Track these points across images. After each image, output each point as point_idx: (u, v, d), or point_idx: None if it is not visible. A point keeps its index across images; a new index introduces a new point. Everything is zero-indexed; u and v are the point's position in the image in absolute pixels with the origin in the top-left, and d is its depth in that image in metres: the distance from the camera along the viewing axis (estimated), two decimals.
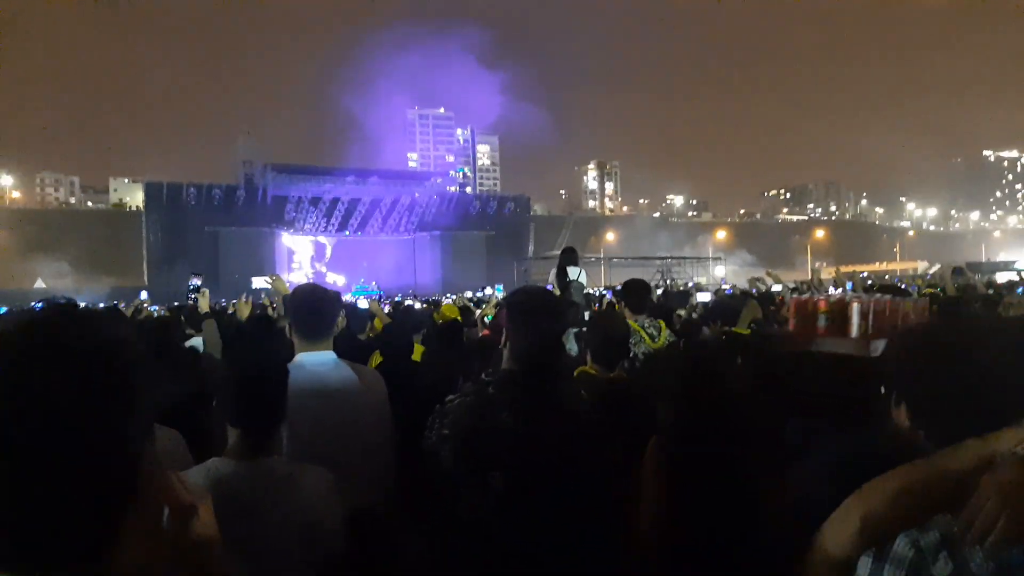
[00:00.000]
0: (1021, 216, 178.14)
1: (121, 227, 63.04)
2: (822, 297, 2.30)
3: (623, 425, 2.61)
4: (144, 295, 23.55)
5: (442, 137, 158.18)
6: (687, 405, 2.29)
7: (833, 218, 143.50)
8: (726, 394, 2.31)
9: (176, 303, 15.37)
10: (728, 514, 1.99)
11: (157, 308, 12.41)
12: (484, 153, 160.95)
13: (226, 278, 39.77)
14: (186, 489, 0.96)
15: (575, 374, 3.23)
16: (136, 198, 76.75)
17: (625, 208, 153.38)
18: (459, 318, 6.83)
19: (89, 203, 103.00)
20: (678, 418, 2.29)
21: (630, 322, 4.84)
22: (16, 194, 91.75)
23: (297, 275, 50.41)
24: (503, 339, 2.24)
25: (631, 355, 4.54)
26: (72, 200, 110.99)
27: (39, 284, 48.76)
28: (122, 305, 11.05)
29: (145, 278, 49.57)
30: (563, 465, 2.01)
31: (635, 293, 5.10)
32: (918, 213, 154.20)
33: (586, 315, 5.09)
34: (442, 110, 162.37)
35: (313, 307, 2.96)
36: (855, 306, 2.18)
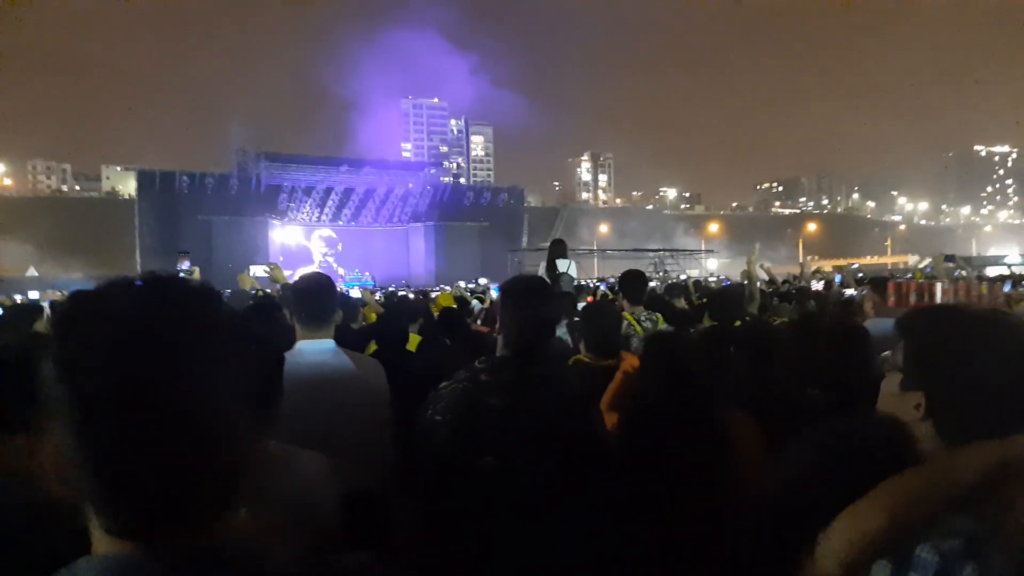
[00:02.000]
0: (1012, 211, 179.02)
1: (113, 215, 62.78)
2: (913, 280, 2.43)
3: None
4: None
5: (436, 127, 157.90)
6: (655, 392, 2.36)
7: (825, 211, 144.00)
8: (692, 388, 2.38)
9: None
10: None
11: None
12: (478, 144, 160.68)
13: (220, 267, 39.56)
14: None
15: (570, 362, 3.26)
16: (128, 186, 76.42)
17: (618, 200, 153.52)
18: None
19: (78, 188, 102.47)
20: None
21: (625, 314, 4.85)
22: (8, 181, 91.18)
23: (304, 268, 50.28)
24: (496, 327, 2.27)
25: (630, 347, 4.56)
26: (64, 188, 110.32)
27: (31, 272, 48.52)
28: None
29: (138, 266, 49.32)
30: (555, 447, 2.03)
31: (632, 284, 5.08)
32: (909, 207, 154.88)
33: (579, 307, 5.10)
34: (436, 100, 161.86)
35: (315, 295, 2.97)
36: (938, 286, 2.29)
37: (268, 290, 8.30)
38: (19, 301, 13.94)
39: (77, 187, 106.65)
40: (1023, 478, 1.12)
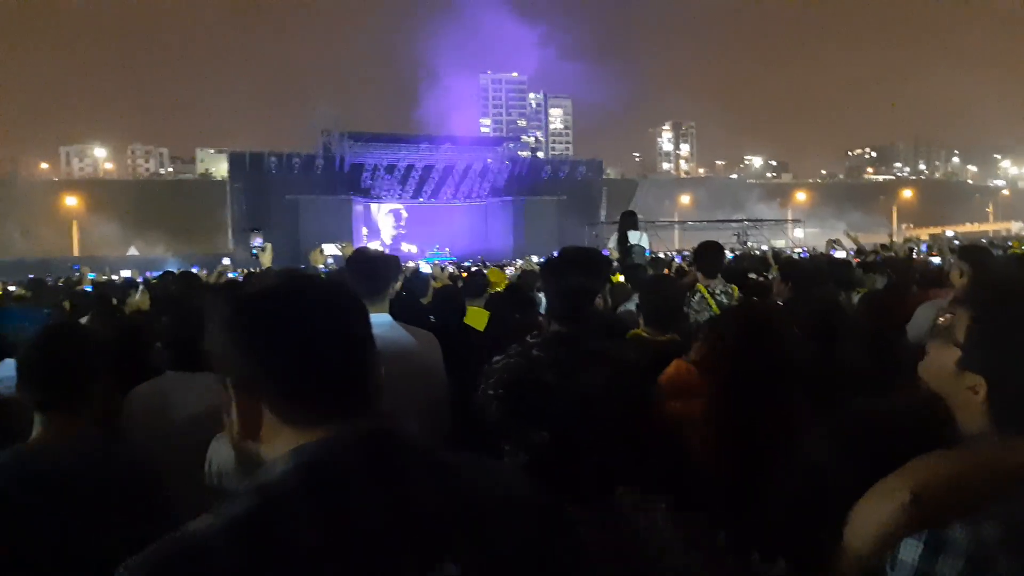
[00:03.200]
0: None
1: (207, 196, 65.44)
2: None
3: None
4: (227, 261, 24.41)
5: (514, 102, 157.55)
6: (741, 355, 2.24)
7: (922, 178, 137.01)
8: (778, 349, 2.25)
9: (253, 269, 15.86)
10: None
11: (238, 273, 12.83)
12: (556, 117, 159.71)
13: (307, 245, 40.64)
14: None
15: (628, 335, 3.20)
16: (221, 168, 79.36)
17: (701, 170, 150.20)
18: (502, 285, 6.81)
19: (170, 170, 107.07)
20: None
21: (700, 287, 4.71)
22: (109, 165, 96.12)
23: (374, 245, 51.32)
24: None
25: (694, 321, 4.44)
26: (162, 171, 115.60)
27: (132, 251, 51.19)
28: (204, 271, 11.47)
29: (230, 245, 51.29)
30: (610, 423, 2.01)
31: (707, 256, 4.87)
32: (1013, 171, 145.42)
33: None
34: (514, 75, 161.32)
35: (368, 268, 3.03)
36: None
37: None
38: (115, 279, 14.74)
39: (171, 169, 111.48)
40: None
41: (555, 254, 2.34)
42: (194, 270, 11.67)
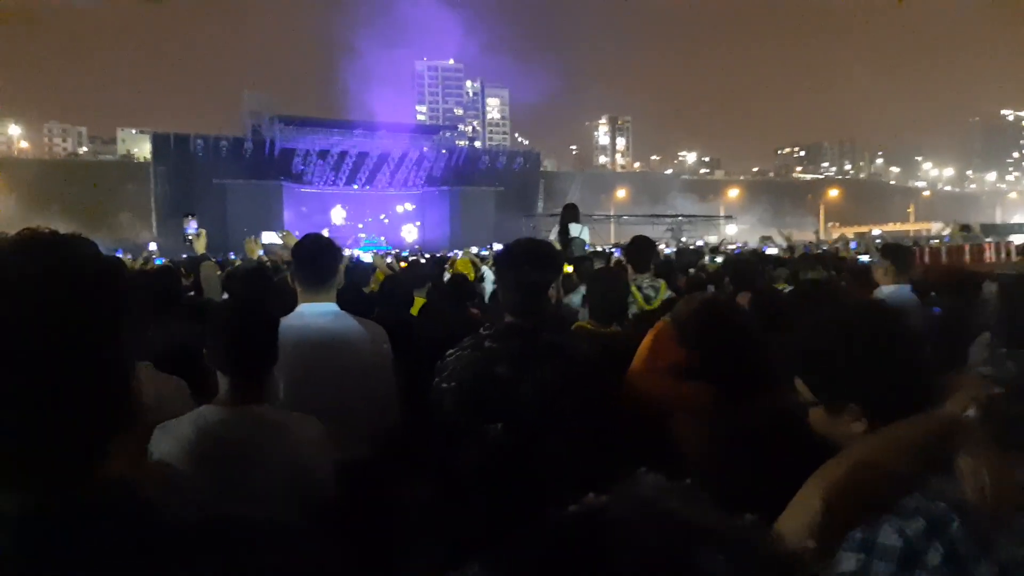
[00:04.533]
0: None
1: (129, 178, 63.01)
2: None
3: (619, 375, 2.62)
4: (153, 246, 23.61)
5: (451, 90, 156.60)
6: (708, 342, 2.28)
7: (848, 177, 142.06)
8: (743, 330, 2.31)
9: (184, 255, 15.40)
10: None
11: (164, 260, 12.42)
12: (494, 107, 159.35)
13: (234, 232, 39.63)
14: None
15: (572, 327, 3.23)
16: (144, 149, 76.55)
17: (636, 165, 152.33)
18: (471, 275, 6.81)
19: (87, 149, 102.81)
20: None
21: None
22: (24, 144, 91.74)
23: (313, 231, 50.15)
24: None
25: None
26: (80, 151, 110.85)
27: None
28: (129, 257, 11.05)
29: (154, 230, 49.64)
30: (564, 415, 2.02)
31: (638, 251, 4.99)
32: (934, 173, 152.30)
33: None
34: (451, 61, 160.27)
35: (315, 256, 2.99)
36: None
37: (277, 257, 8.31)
38: None
39: (88, 148, 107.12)
40: (968, 445, 1.10)
41: (506, 246, 2.34)
42: (118, 255, 11.19)
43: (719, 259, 11.36)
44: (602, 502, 0.55)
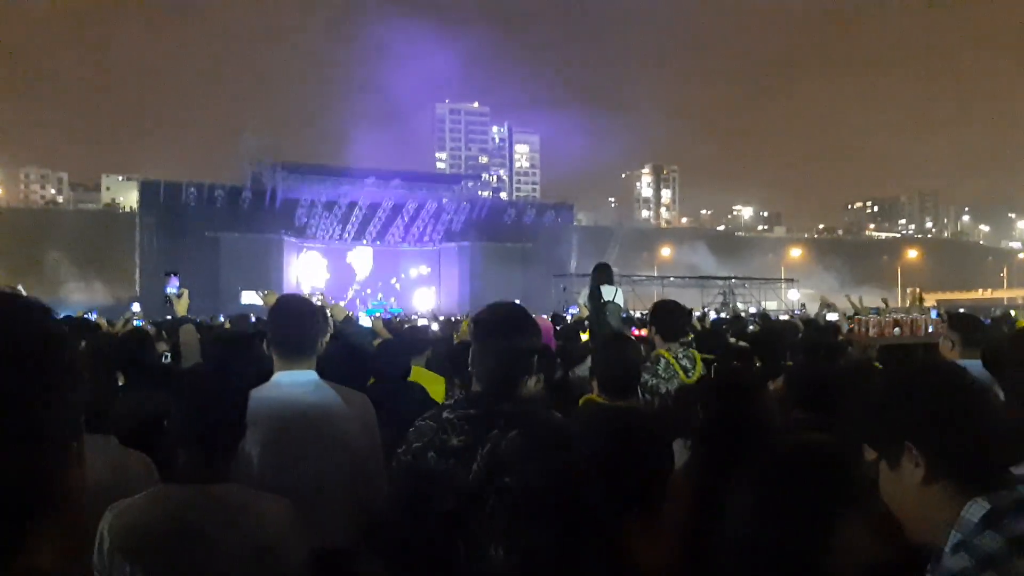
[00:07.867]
0: None
1: (113, 229, 64.51)
2: None
3: (629, 456, 2.70)
4: (136, 307, 23.95)
5: (475, 135, 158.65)
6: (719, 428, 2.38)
7: (929, 236, 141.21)
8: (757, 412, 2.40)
9: (168, 316, 15.62)
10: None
11: (144, 322, 12.61)
12: (522, 154, 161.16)
13: (227, 290, 40.16)
14: None
15: (580, 402, 3.32)
16: (130, 198, 78.52)
17: (684, 220, 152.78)
18: None
19: (63, 199, 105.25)
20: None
21: (662, 351, 4.81)
22: None
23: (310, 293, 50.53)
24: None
25: (661, 391, 4.55)
26: (60, 199, 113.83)
27: (20, 289, 49.91)
28: (104, 320, 11.26)
29: (137, 287, 50.32)
30: (513, 492, 2.08)
31: (665, 317, 5.01)
32: None
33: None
34: (475, 105, 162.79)
35: (293, 322, 3.06)
36: None
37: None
38: None
39: (67, 197, 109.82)
40: None
41: (480, 311, 2.47)
42: (92, 317, 11.39)
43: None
44: None
